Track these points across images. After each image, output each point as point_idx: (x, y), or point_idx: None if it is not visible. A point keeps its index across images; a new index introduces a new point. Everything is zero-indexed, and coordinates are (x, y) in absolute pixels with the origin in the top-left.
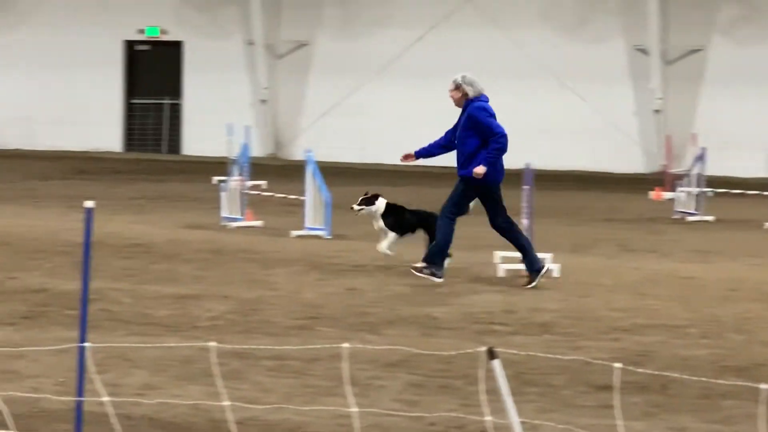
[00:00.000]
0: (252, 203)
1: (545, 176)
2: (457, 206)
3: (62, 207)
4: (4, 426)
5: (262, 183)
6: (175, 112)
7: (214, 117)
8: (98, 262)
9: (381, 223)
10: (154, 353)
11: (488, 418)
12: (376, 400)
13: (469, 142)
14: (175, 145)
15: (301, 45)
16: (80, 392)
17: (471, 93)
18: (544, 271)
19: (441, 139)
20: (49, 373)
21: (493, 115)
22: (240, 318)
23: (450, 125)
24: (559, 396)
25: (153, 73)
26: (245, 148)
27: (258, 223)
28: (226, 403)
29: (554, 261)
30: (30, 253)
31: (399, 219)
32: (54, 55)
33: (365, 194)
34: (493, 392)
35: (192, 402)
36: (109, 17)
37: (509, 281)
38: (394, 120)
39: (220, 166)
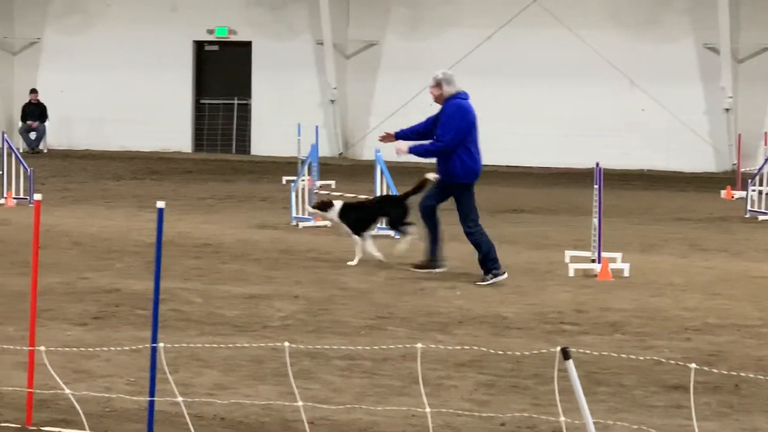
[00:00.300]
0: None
1: (615, 176)
2: (433, 199)
3: (133, 207)
4: (79, 425)
5: (331, 183)
6: (244, 112)
7: (283, 117)
8: (169, 262)
9: (344, 227)
10: (224, 353)
11: (563, 419)
12: (447, 400)
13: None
14: (244, 145)
15: (370, 44)
16: (152, 392)
17: (450, 90)
18: (501, 278)
19: (420, 125)
20: (121, 373)
21: (464, 118)
22: (310, 318)
23: (516, 123)
24: (630, 396)
25: (222, 73)
26: (314, 148)
27: (327, 222)
28: (299, 403)
29: (624, 260)
30: (101, 254)
31: (357, 215)
32: (124, 56)
33: (320, 200)
34: (564, 392)
35: (263, 402)
36: (179, 18)
37: (579, 281)
38: None
39: (289, 166)
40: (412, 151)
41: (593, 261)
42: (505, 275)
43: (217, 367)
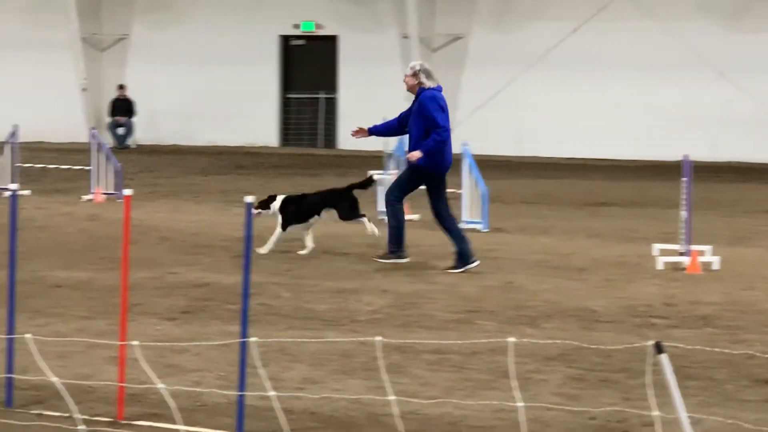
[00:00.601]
0: (408, 197)
1: (703, 168)
2: (402, 190)
3: (221, 202)
4: (169, 419)
5: None
6: (331, 106)
7: (370, 111)
8: (257, 256)
9: (279, 219)
10: (313, 347)
11: (656, 413)
12: (536, 394)
13: (417, 129)
14: (330, 139)
15: (456, 38)
16: (242, 386)
17: (426, 82)
18: (472, 265)
19: (393, 120)
20: (210, 367)
21: (442, 108)
22: (398, 312)
23: (603, 116)
24: (721, 390)
25: (308, 67)
26: (401, 142)
27: (415, 216)
28: (392, 397)
29: (714, 253)
30: (190, 248)
31: (298, 207)
32: (211, 51)
33: (261, 200)
34: (653, 386)
35: (352, 396)
36: (265, 12)
37: (668, 274)
38: (550, 112)
39: (376, 160)
40: (425, 150)
41: (682, 254)
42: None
43: (306, 361)
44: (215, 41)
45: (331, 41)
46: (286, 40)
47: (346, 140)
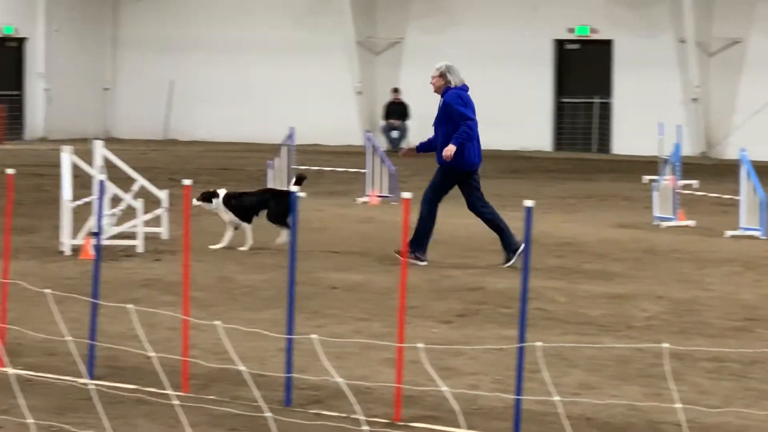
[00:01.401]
0: (684, 203)
1: None
2: (435, 192)
3: (494, 205)
4: (446, 422)
5: (693, 182)
6: (605, 110)
7: (644, 116)
8: (532, 260)
9: (230, 215)
10: (589, 352)
11: None
12: None
13: (444, 129)
14: (604, 143)
15: (734, 42)
16: (519, 390)
17: (453, 81)
18: (520, 250)
19: (436, 135)
20: (486, 371)
21: (466, 104)
22: (675, 318)
23: None
24: None
25: (583, 71)
26: (677, 147)
27: (690, 222)
28: (677, 405)
29: None
30: (465, 252)
31: (237, 204)
32: (484, 55)
33: (204, 192)
34: None
35: (629, 402)
36: (540, 17)
37: None
38: None
39: (650, 165)
40: (456, 143)
41: None
42: (425, 264)
43: (582, 366)
44: (489, 45)
45: (606, 45)
46: (560, 44)
47: (620, 145)
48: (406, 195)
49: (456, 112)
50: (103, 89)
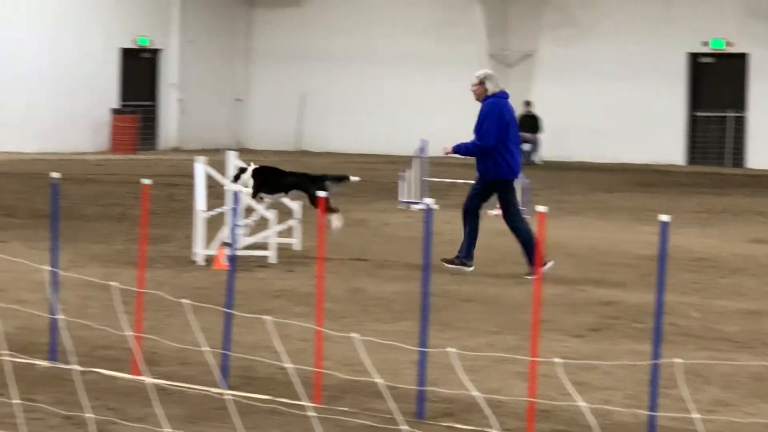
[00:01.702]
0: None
1: None
2: (474, 200)
3: (626, 219)
4: None
5: None
6: (740, 124)
7: None
8: (666, 275)
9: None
10: (724, 369)
11: None
12: None
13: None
14: (739, 158)
15: None
16: (653, 407)
17: (491, 89)
18: (547, 267)
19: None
20: (619, 386)
21: (501, 116)
22: None
23: None
24: None
25: (717, 85)
26: None
27: None
28: None
29: None
30: (597, 266)
31: (269, 180)
32: (617, 67)
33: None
34: None
35: (766, 421)
36: (673, 29)
37: None
38: None
39: None
40: (456, 150)
41: None
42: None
43: (717, 383)
44: (622, 57)
45: (740, 59)
46: (694, 57)
47: (756, 159)
48: (541, 209)
49: (484, 127)
50: (235, 100)
